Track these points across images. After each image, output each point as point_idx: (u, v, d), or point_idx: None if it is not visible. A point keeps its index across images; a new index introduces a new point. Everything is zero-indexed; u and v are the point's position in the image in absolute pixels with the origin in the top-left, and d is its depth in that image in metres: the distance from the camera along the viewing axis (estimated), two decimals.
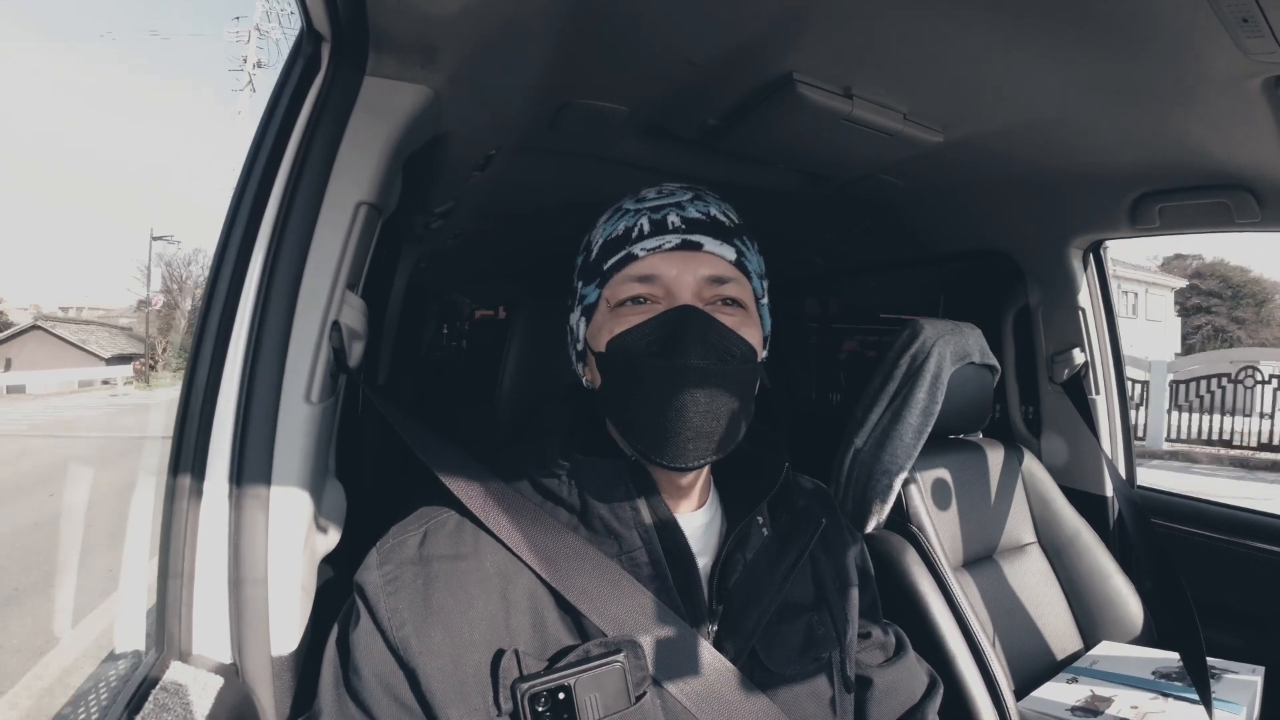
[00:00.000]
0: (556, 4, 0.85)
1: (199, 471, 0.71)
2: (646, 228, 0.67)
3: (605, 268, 0.68)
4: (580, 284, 0.72)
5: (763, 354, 0.72)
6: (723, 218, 0.70)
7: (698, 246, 0.66)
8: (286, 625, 0.73)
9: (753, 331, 0.68)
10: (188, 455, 0.71)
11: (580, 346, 0.72)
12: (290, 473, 0.74)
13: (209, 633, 0.70)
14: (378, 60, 0.77)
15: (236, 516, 0.71)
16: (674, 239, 0.66)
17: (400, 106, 0.81)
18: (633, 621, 0.62)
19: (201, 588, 0.70)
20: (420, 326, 3.01)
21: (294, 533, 0.74)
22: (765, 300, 0.74)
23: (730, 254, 0.68)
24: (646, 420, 0.63)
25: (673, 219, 0.67)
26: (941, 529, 1.34)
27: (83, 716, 0.64)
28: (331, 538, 0.82)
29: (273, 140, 0.76)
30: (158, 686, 0.64)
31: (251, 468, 0.71)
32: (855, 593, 0.80)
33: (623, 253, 0.67)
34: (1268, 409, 9.37)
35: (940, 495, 1.39)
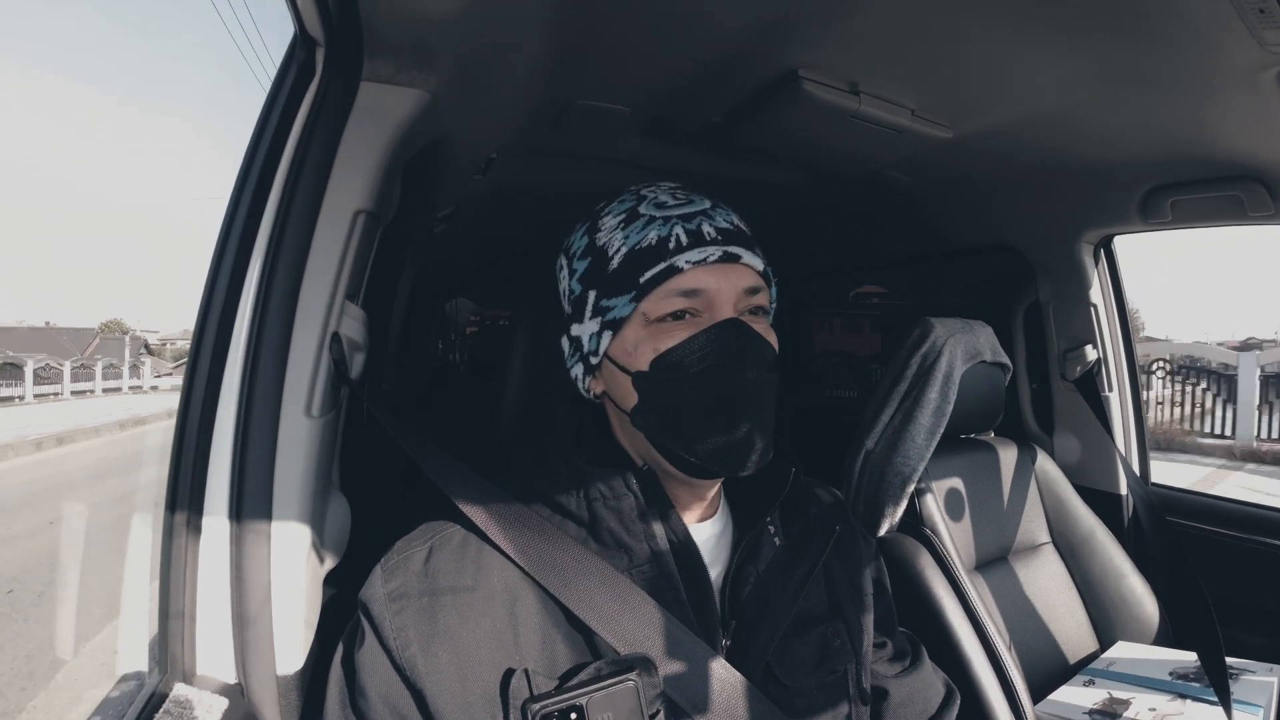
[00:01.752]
0: (555, 2, 0.83)
1: (199, 489, 0.70)
2: (685, 239, 0.65)
3: (642, 280, 0.65)
4: (594, 294, 0.68)
5: None
6: (744, 226, 0.70)
7: (736, 259, 0.65)
8: (291, 643, 0.72)
9: (774, 337, 0.68)
10: (187, 472, 0.70)
11: (596, 360, 0.69)
12: (292, 488, 0.73)
13: (213, 652, 0.69)
14: (373, 65, 0.76)
15: (238, 534, 0.70)
16: (716, 251, 0.64)
17: (397, 111, 0.79)
18: (645, 638, 0.60)
19: (204, 607, 0.69)
20: (425, 332, 3.00)
21: (297, 549, 0.73)
22: (774, 305, 0.73)
23: (759, 264, 0.67)
24: (707, 433, 0.63)
25: (707, 230, 0.66)
26: (955, 531, 1.32)
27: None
28: (336, 553, 0.81)
29: (267, 149, 0.74)
30: (161, 709, 0.63)
31: (252, 484, 0.70)
32: (870, 603, 0.78)
33: (664, 265, 0.64)
34: None
35: (953, 497, 1.37)
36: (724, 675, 0.62)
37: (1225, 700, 1.06)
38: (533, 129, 1.26)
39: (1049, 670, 1.32)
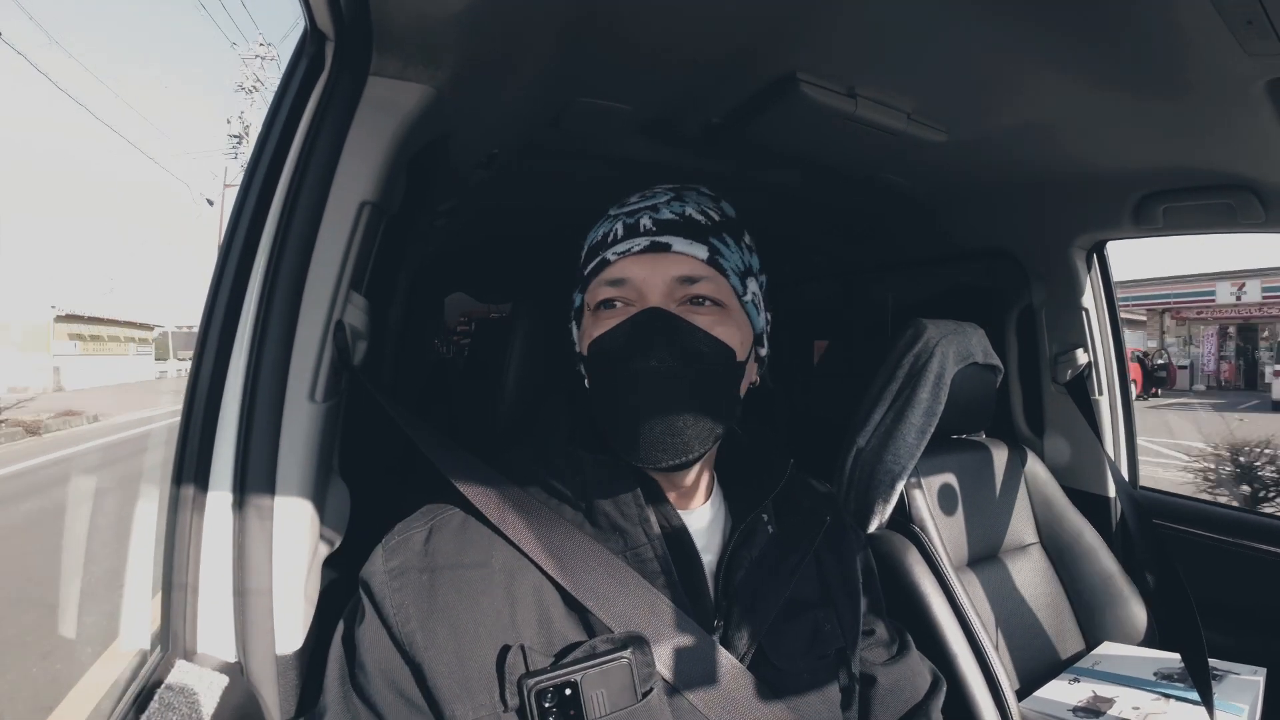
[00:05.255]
0: (559, 3, 0.84)
1: (204, 471, 0.71)
2: (620, 232, 0.68)
3: (585, 273, 0.70)
4: (575, 290, 0.74)
5: (761, 351, 0.73)
6: (699, 216, 0.69)
7: (666, 248, 0.66)
8: (291, 624, 0.73)
9: (730, 330, 0.67)
10: (192, 455, 0.72)
11: (576, 349, 0.74)
12: (294, 472, 0.74)
13: (214, 632, 0.71)
14: (381, 60, 0.78)
15: (241, 515, 0.71)
16: (643, 241, 0.67)
17: (403, 106, 0.81)
18: (639, 618, 0.62)
19: (206, 587, 0.71)
20: (424, 326, 3.00)
21: (298, 531, 0.75)
22: (749, 297, 0.71)
23: (702, 253, 0.67)
24: (618, 422, 0.64)
25: (645, 222, 0.68)
26: (944, 529, 1.34)
27: (90, 716, 0.65)
28: (336, 536, 0.83)
29: (276, 140, 0.76)
30: (163, 685, 0.65)
31: (256, 467, 0.72)
32: (860, 590, 0.80)
33: (598, 259, 0.68)
34: None
35: (943, 495, 1.39)
36: (717, 655, 0.63)
37: (1208, 701, 1.08)
38: (534, 125, 1.28)
39: (1036, 668, 1.33)
